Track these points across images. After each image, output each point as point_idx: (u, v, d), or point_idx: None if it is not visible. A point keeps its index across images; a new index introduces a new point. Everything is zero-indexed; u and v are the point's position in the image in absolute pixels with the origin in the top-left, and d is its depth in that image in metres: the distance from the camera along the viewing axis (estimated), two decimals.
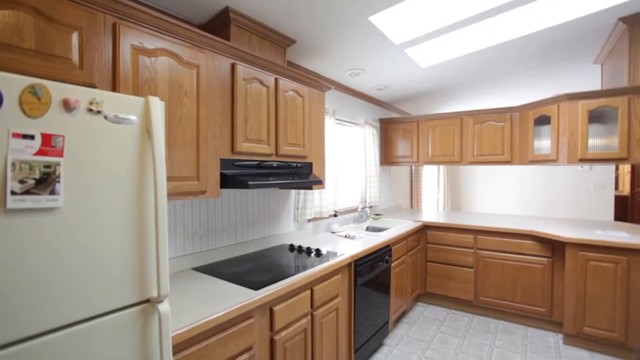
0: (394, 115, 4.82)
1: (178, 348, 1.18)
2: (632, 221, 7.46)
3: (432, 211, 4.41)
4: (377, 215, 3.78)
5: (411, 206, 5.38)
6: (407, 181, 5.31)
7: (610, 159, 2.76)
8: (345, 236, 2.84)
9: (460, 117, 3.76)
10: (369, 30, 2.32)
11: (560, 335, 2.91)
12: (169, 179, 1.46)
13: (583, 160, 2.86)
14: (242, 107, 1.81)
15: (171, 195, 1.48)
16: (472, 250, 3.31)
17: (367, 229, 3.53)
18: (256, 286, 1.61)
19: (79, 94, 0.85)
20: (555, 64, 3.47)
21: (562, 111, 2.97)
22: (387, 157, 4.27)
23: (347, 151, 3.77)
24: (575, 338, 2.73)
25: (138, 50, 1.31)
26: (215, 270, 1.89)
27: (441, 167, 6.58)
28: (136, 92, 1.31)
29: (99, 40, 1.20)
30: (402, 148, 4.15)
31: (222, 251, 2.14)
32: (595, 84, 3.96)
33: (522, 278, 3.07)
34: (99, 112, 0.88)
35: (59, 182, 0.81)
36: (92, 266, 0.87)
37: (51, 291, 0.80)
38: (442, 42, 2.72)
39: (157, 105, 1.00)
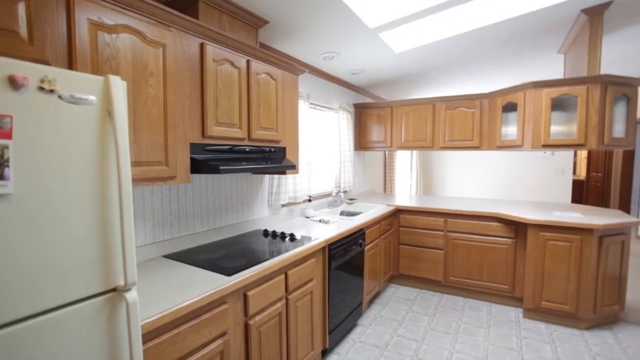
0: (369, 100, 4.83)
1: (149, 336, 1.16)
2: (587, 203, 8.01)
3: (405, 195, 4.51)
4: (351, 199, 3.83)
5: (385, 191, 5.48)
6: (381, 166, 5.39)
7: (569, 145, 2.92)
8: (320, 221, 2.86)
9: (432, 103, 3.83)
10: (343, 12, 2.29)
11: (520, 310, 3.11)
12: (135, 163, 1.40)
13: (546, 146, 3.01)
14: (212, 90, 1.75)
15: (138, 180, 1.42)
16: (442, 233, 3.44)
17: (342, 213, 3.57)
18: (229, 272, 1.60)
19: (28, 71, 0.78)
20: (524, 52, 3.58)
21: (527, 99, 3.08)
22: (361, 142, 4.30)
23: (322, 136, 3.75)
24: (534, 312, 2.93)
25: (97, 26, 1.22)
26: (188, 257, 1.85)
27: (414, 152, 6.72)
28: (96, 71, 1.22)
29: (50, 13, 1.10)
30: (376, 133, 4.19)
31: (194, 238, 2.10)
32: (558, 73, 4.13)
33: (488, 258, 3.23)
34: (52, 91, 0.81)
35: (7, 166, 0.75)
36: (49, 256, 0.82)
37: (1, 284, 0.75)
38: (416, 27, 2.73)
39: (119, 85, 0.94)
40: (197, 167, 1.68)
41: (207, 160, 1.69)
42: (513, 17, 2.69)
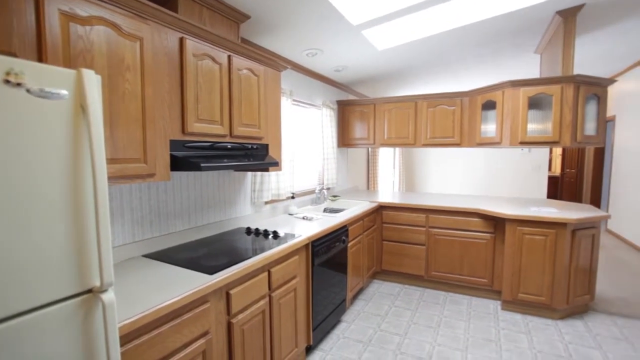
0: (351, 97, 4.85)
1: (128, 338, 1.13)
2: (561, 198, 8.32)
3: (388, 192, 4.56)
4: (334, 196, 3.84)
5: (368, 187, 5.52)
6: (364, 163, 5.43)
7: (545, 142, 3.02)
8: (303, 218, 2.86)
9: (414, 100, 3.87)
10: (326, 8, 2.28)
11: (499, 302, 3.21)
12: (112, 160, 1.35)
13: (523, 143, 3.10)
14: (192, 85, 1.71)
15: (115, 178, 1.38)
16: (424, 229, 3.50)
17: (325, 210, 3.58)
18: (211, 270, 1.58)
19: None
20: (503, 51, 3.67)
21: (506, 97, 3.17)
22: (344, 139, 4.32)
23: (305, 133, 3.74)
24: (511, 304, 3.03)
25: (68, 17, 1.17)
26: (168, 256, 1.81)
27: (397, 149, 6.80)
28: (68, 64, 1.17)
29: (16, 2, 1.04)
30: (359, 130, 4.21)
31: (175, 237, 2.06)
32: (536, 73, 4.26)
33: (468, 253, 3.31)
34: (19, 84, 0.77)
35: None
36: (16, 259, 0.79)
37: None
38: (399, 25, 2.76)
39: (93, 79, 0.90)
40: (178, 164, 1.65)
41: (187, 158, 1.65)
42: (492, 17, 2.76)
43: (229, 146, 1.97)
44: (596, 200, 6.69)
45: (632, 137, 5.08)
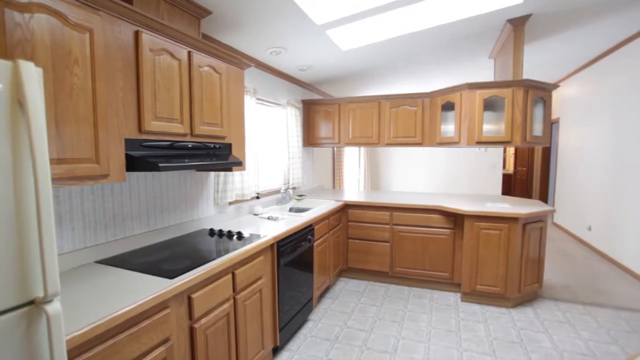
0: (317, 96, 4.87)
1: (78, 351, 1.06)
2: (514, 195, 8.89)
3: (353, 191, 4.63)
4: (300, 196, 3.84)
5: (333, 186, 5.57)
6: (330, 162, 5.47)
7: (499, 142, 3.20)
8: (268, 218, 2.83)
9: (378, 100, 3.96)
10: (289, 7, 2.27)
11: (458, 295, 3.37)
12: (60, 161, 1.26)
13: (479, 143, 3.27)
14: (149, 82, 1.63)
15: (63, 179, 1.28)
16: (388, 226, 3.59)
17: (290, 209, 3.57)
18: (172, 274, 1.51)
19: None
20: (461, 55, 3.85)
21: (464, 99, 3.32)
22: (309, 138, 4.32)
23: (270, 132, 3.70)
24: (470, 295, 3.19)
25: (3, 2, 1.06)
26: (125, 261, 1.72)
27: (361, 148, 6.92)
28: (5, 55, 1.07)
29: None
30: (324, 129, 4.24)
31: (132, 240, 1.95)
32: (491, 77, 4.51)
33: (430, 248, 3.44)
34: None
35: None
36: None
37: None
38: (361, 26, 2.80)
39: (32, 72, 0.83)
40: (134, 164, 1.56)
41: (145, 157, 1.57)
42: (449, 23, 2.88)
43: (190, 145, 1.90)
44: (544, 196, 7.22)
45: (573, 137, 5.53)
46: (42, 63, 1.18)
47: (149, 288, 1.37)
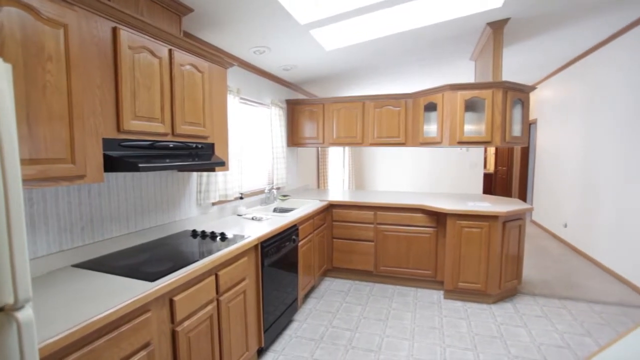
0: (301, 96, 4.86)
1: (53, 358, 1.02)
2: (495, 193, 9.12)
3: (338, 191, 4.65)
4: (284, 196, 3.82)
5: (318, 186, 5.58)
6: (314, 162, 5.47)
7: (480, 142, 3.28)
8: (252, 218, 2.80)
9: (362, 101, 3.98)
10: (273, 6, 2.25)
11: (441, 292, 3.43)
12: (32, 161, 1.21)
13: (461, 143, 3.34)
14: (129, 80, 1.59)
15: (36, 180, 1.23)
16: (372, 226, 3.62)
17: (275, 210, 3.55)
18: (153, 277, 1.48)
19: None
20: (443, 56, 3.92)
21: (446, 99, 3.38)
22: (293, 138, 4.31)
23: (253, 132, 3.67)
24: (453, 293, 3.25)
25: None
26: (103, 264, 1.67)
27: (346, 148, 6.95)
28: None
29: None
30: (308, 129, 4.23)
31: (111, 243, 1.90)
32: (472, 78, 4.61)
33: (414, 247, 3.49)
34: None
35: None
36: None
37: None
38: (345, 27, 2.81)
39: (1, 69, 0.79)
40: (113, 164, 1.52)
41: (123, 157, 1.53)
42: (432, 24, 2.93)
43: (171, 145, 1.86)
44: (523, 195, 7.44)
45: (549, 138, 5.72)
46: (11, 59, 1.13)
47: (129, 291, 1.34)
